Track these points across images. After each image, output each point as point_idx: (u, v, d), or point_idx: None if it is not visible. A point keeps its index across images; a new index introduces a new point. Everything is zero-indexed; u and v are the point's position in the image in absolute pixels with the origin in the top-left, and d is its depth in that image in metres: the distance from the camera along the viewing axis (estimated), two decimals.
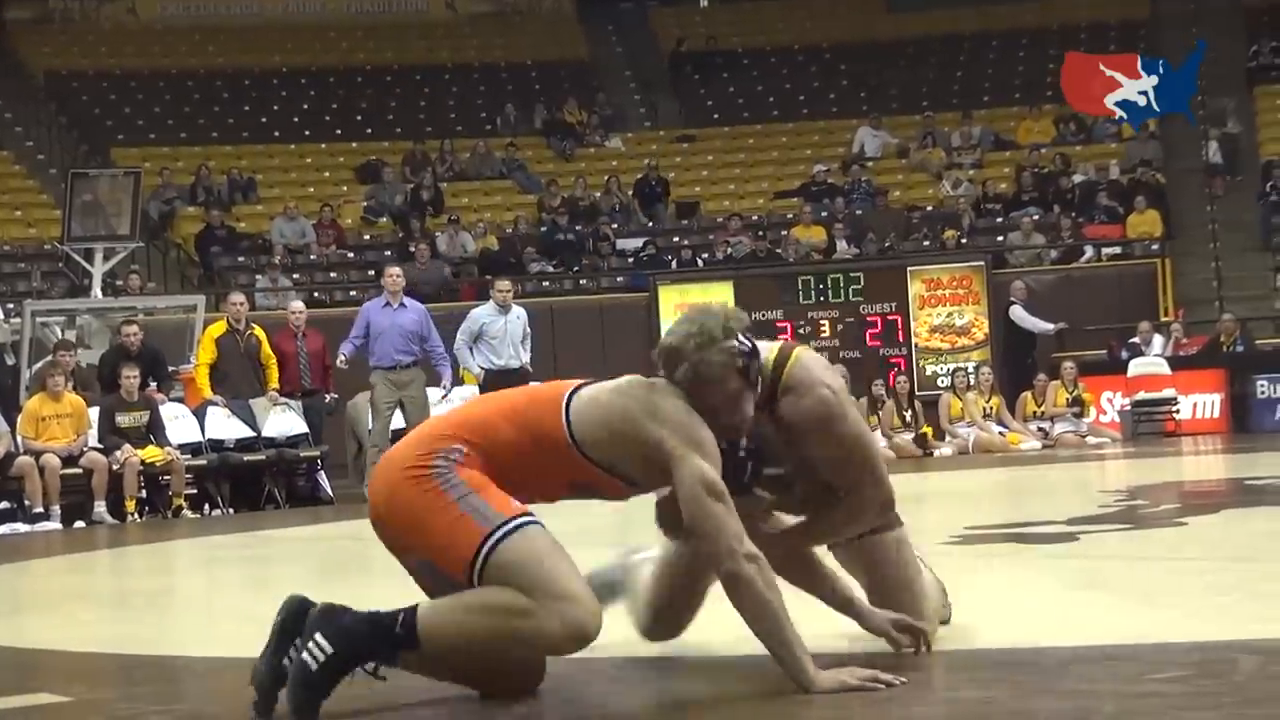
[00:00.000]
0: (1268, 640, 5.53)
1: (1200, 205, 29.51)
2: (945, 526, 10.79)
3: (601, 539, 12.90)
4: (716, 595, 5.25)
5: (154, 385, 19.05)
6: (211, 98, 34.74)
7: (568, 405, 4.89)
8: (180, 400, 19.85)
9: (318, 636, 4.59)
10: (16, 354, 20.56)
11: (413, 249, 27.99)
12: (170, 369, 20.11)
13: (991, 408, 23.19)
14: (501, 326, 19.93)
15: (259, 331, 19.44)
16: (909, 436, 22.79)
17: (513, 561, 4.63)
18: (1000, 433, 22.96)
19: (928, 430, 23.00)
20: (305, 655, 4.57)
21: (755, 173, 33.68)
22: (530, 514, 4.79)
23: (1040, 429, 23.13)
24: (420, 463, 4.79)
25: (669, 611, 5.79)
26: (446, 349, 19.17)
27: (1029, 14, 36.88)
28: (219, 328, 19.37)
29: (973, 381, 23.42)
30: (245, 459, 18.71)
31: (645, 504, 5.50)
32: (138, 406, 18.26)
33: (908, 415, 23.07)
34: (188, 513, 17.97)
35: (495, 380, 20.06)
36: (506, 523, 4.67)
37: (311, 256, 29.12)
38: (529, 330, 20.10)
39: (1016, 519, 11.65)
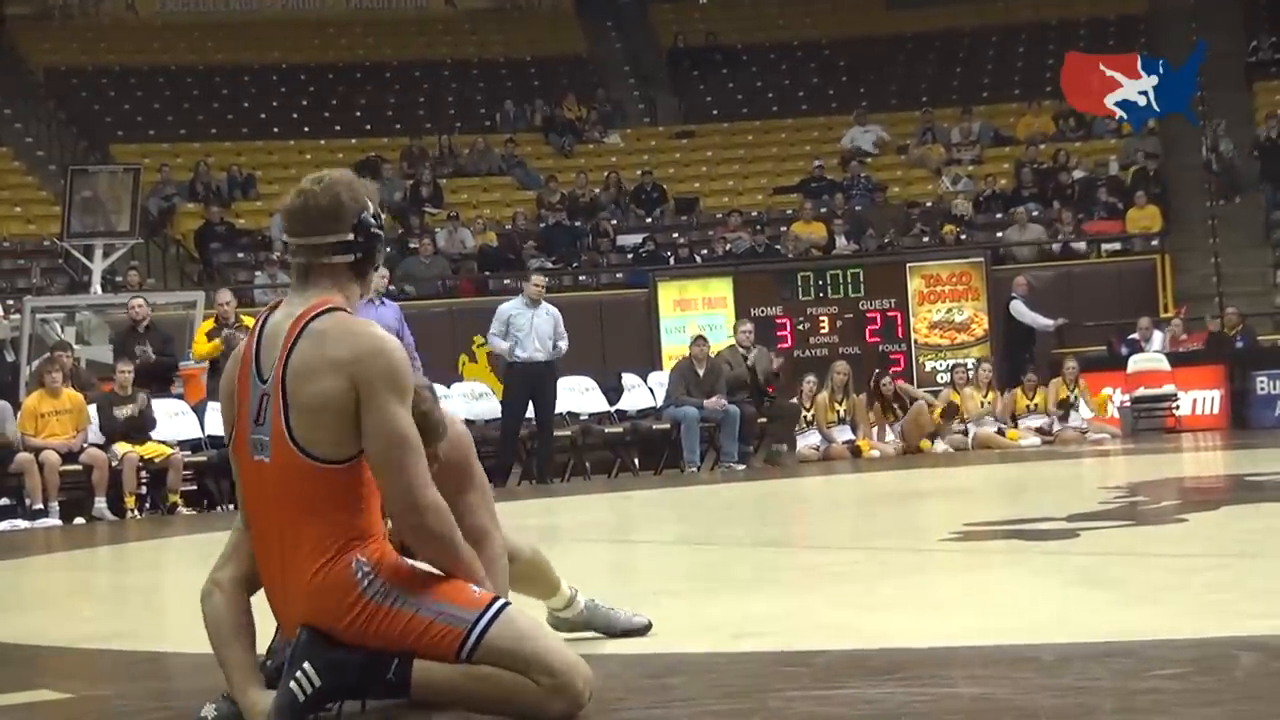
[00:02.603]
0: (1267, 637, 5.53)
1: (1200, 201, 29.49)
2: (945, 523, 10.81)
3: (599, 534, 12.94)
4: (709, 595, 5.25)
5: (129, 368, 18.91)
6: (211, 94, 34.74)
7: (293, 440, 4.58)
8: (180, 396, 19.87)
9: (306, 666, 4.50)
10: (16, 350, 20.58)
11: (414, 245, 27.97)
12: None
13: (990, 403, 23.17)
14: (528, 320, 20.03)
15: (248, 321, 19.41)
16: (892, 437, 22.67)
17: (502, 648, 4.55)
18: (999, 429, 22.94)
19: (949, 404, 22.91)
20: (293, 684, 4.48)
21: (754, 169, 33.68)
22: (496, 596, 4.68)
23: (1038, 428, 23.06)
24: (351, 600, 4.53)
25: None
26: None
27: (1027, 9, 36.89)
28: (208, 325, 19.45)
29: (971, 377, 23.41)
30: None
31: (638, 500, 5.49)
32: (131, 400, 18.29)
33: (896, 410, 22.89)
34: (183, 509, 17.98)
35: (521, 372, 20.10)
36: (482, 615, 4.58)
37: None
38: (562, 329, 20.18)
39: (1016, 515, 11.65)
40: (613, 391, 23.02)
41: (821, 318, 25.70)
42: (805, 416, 22.38)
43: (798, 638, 6.19)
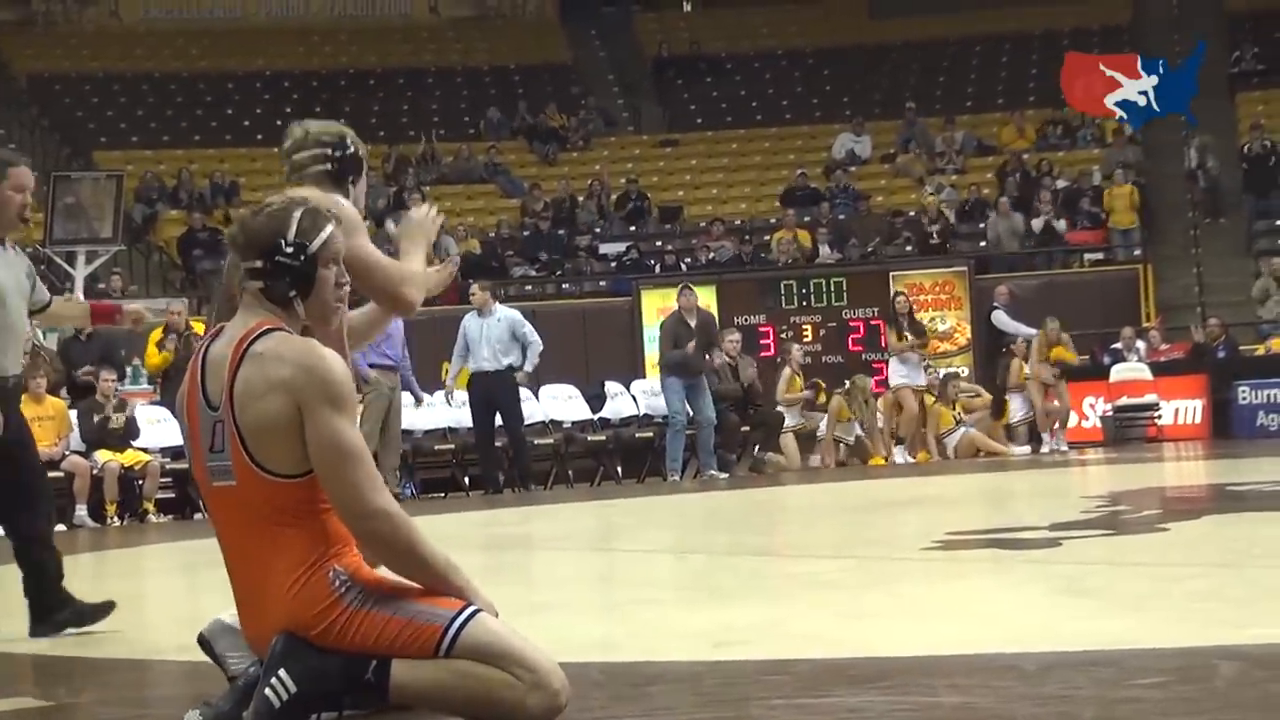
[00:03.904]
0: (1248, 646, 5.54)
1: (1182, 211, 29.56)
2: (927, 531, 10.82)
3: (581, 542, 12.94)
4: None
5: (113, 376, 18.89)
6: (194, 100, 34.71)
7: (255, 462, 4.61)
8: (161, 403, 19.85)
9: (282, 673, 4.48)
10: None
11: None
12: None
13: (959, 414, 23.01)
14: (479, 329, 20.10)
15: (199, 328, 19.28)
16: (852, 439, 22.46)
17: (480, 642, 4.55)
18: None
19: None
20: (268, 691, 4.47)
21: (738, 177, 33.70)
22: (467, 601, 4.66)
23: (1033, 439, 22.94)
24: (328, 607, 4.53)
25: None
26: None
27: (1011, 19, 36.93)
28: (157, 334, 19.44)
29: (938, 394, 22.98)
30: None
31: (621, 508, 5.49)
32: (119, 408, 18.28)
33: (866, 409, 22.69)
34: (153, 517, 17.97)
35: (478, 382, 20.18)
36: (459, 613, 4.57)
37: None
38: (524, 331, 20.14)
39: (999, 524, 11.66)
40: (596, 399, 23.02)
41: (805, 326, 25.73)
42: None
43: (780, 646, 6.20)
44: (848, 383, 22.46)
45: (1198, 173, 29.24)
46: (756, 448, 22.26)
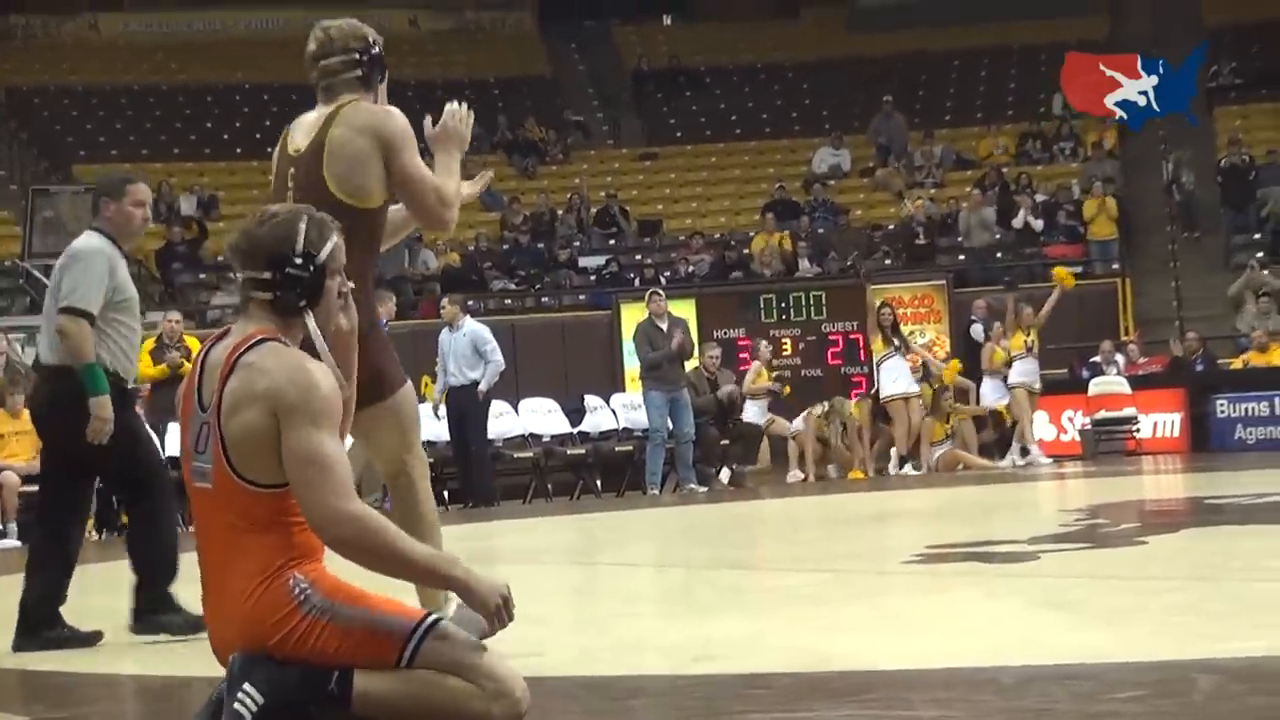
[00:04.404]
0: (1226, 660, 5.55)
1: (1160, 225, 29.63)
2: (907, 545, 10.83)
3: (561, 556, 12.94)
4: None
5: None
6: (174, 114, 34.69)
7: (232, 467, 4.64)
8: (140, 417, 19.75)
9: (247, 686, 4.50)
10: None
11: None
12: (133, 388, 20.00)
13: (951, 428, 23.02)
14: (448, 344, 20.18)
15: (193, 344, 19.21)
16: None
17: (441, 652, 4.56)
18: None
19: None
20: (237, 704, 4.49)
21: (717, 191, 33.75)
22: (429, 611, 4.70)
23: (1021, 450, 22.88)
24: (288, 615, 4.53)
25: None
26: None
27: (988, 34, 37.04)
28: (150, 344, 19.39)
29: (931, 408, 22.97)
30: None
31: (600, 521, 5.50)
32: None
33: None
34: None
35: (452, 397, 20.21)
36: (420, 623, 4.58)
37: None
38: (487, 347, 20.12)
39: (978, 538, 11.66)
40: (575, 413, 23.01)
41: (784, 339, 25.75)
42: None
43: (759, 660, 6.20)
44: (826, 404, 22.39)
45: (1174, 186, 29.30)
46: (735, 464, 22.22)
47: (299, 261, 4.72)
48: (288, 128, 6.91)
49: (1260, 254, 27.52)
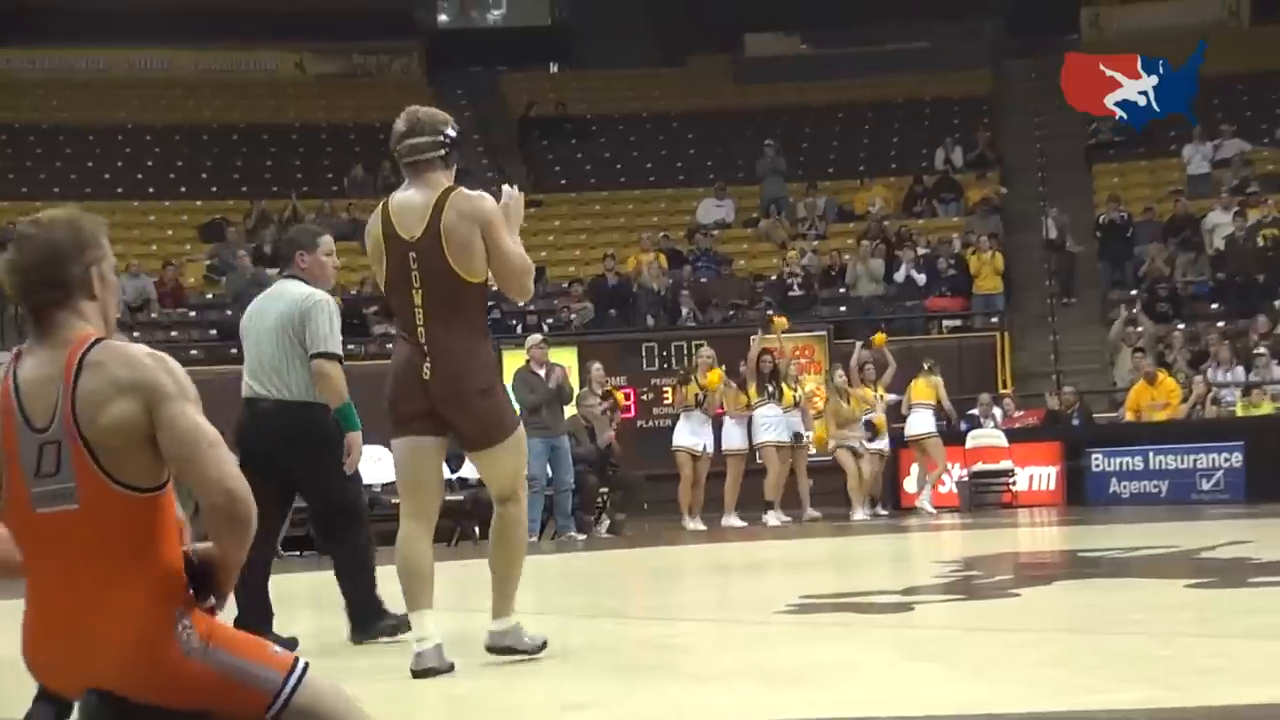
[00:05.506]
0: (1096, 711, 5.59)
1: (1039, 280, 29.92)
2: (783, 594, 10.83)
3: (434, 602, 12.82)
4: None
5: None
6: (53, 152, 34.38)
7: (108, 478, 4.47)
8: None
9: None
10: None
11: None
12: None
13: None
14: None
15: None
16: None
17: (310, 705, 4.49)
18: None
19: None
20: None
21: (601, 239, 33.76)
22: (297, 657, 4.57)
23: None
24: (168, 653, 4.39)
25: None
26: None
27: (873, 88, 37.34)
28: None
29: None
30: None
31: (475, 568, 5.46)
32: None
33: None
34: None
35: None
36: (289, 675, 4.47)
37: (153, 315, 28.82)
38: None
39: (853, 588, 11.70)
40: (454, 459, 22.88)
41: (665, 388, 25.73)
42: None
43: (628, 710, 6.18)
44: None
45: (1050, 238, 29.60)
46: (619, 514, 22.20)
47: (78, 268, 4.63)
48: (385, 206, 7.80)
49: (1136, 309, 27.81)
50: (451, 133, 7.86)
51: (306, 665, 4.54)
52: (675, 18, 40.16)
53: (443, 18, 43.89)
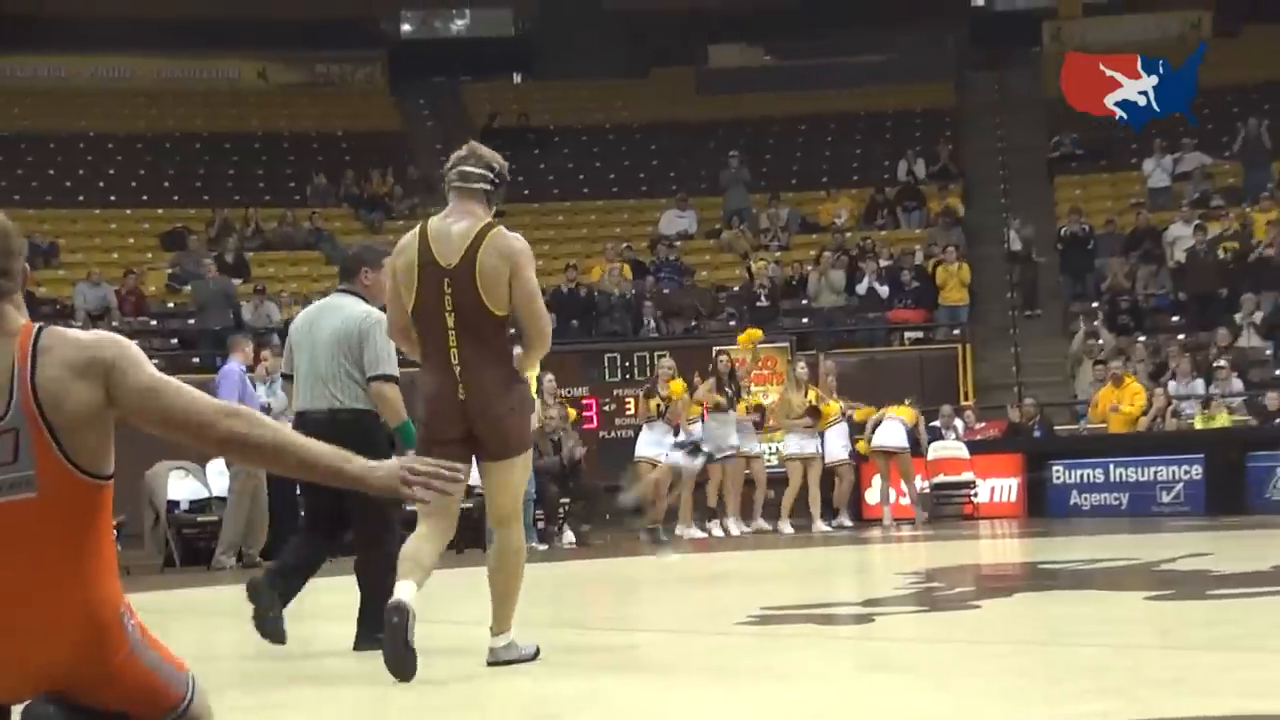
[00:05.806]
0: None
1: (1001, 292, 30.00)
2: (742, 606, 10.83)
3: None
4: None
5: None
6: (15, 160, 34.26)
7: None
8: None
9: None
10: None
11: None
12: None
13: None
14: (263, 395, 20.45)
15: None
16: None
17: (198, 716, 4.53)
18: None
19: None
20: None
21: (564, 250, 33.73)
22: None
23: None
24: (114, 646, 4.41)
25: None
26: None
27: (837, 100, 37.40)
28: None
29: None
30: None
31: (437, 579, 5.45)
32: None
33: None
34: None
35: None
36: (191, 680, 4.52)
37: (114, 323, 28.72)
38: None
39: (814, 599, 11.71)
40: None
41: (628, 399, 25.72)
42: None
43: (591, 719, 6.17)
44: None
45: (1012, 249, 29.67)
46: (583, 525, 22.17)
47: (17, 262, 4.85)
48: (423, 232, 8.03)
49: (1097, 322, 27.91)
50: (503, 173, 8.33)
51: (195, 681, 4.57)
52: (639, 29, 40.22)
53: (406, 27, 43.91)
